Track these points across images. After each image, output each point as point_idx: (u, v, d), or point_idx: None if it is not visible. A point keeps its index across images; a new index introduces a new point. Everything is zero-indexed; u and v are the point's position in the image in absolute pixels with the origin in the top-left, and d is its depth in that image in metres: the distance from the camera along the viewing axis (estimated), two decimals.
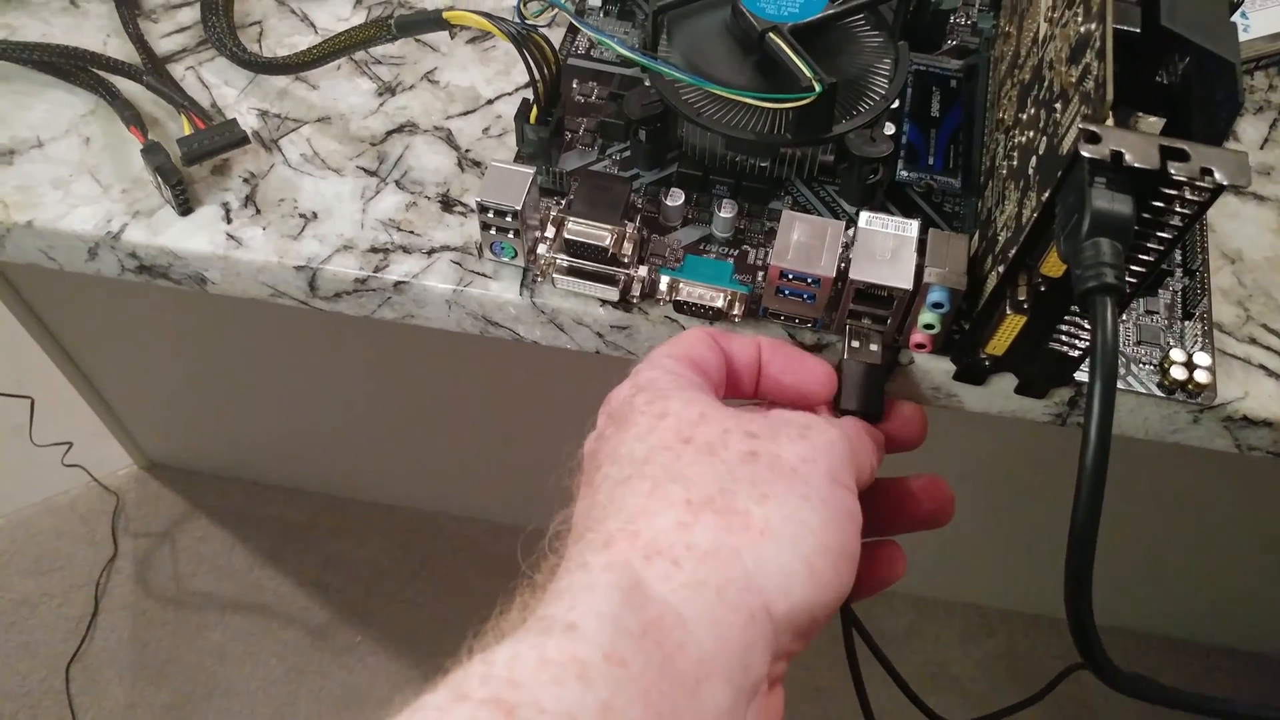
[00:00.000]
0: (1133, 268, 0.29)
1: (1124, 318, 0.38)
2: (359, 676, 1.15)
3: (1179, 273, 0.39)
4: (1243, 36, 0.47)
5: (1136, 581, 1.05)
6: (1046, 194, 0.29)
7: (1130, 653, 1.13)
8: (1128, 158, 0.26)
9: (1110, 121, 0.27)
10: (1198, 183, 0.26)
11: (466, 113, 0.43)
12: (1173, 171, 0.26)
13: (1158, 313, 0.38)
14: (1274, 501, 0.88)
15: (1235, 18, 0.48)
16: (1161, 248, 0.29)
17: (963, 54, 0.45)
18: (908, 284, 0.33)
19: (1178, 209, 0.27)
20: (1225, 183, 0.25)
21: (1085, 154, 0.26)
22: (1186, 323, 0.38)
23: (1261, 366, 0.37)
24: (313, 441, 1.17)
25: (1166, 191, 0.27)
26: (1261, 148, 0.44)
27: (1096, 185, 0.26)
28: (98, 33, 0.46)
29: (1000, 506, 0.96)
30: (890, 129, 0.40)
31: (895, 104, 0.41)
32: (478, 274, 0.38)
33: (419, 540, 1.24)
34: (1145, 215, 0.27)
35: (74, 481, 1.26)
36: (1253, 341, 0.38)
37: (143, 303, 0.90)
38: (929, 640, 1.16)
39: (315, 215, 0.40)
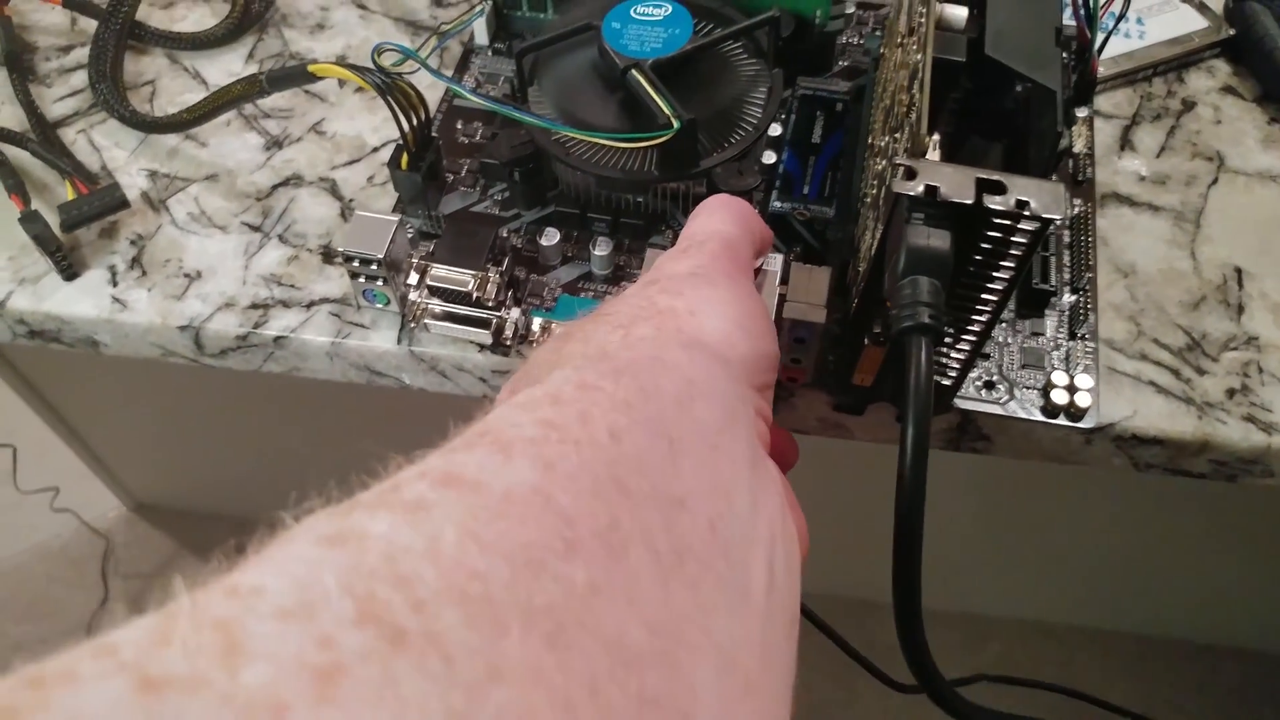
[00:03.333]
0: (985, 297, 0.29)
1: (1008, 341, 0.37)
2: None
3: (1066, 292, 0.39)
4: (1139, 43, 0.46)
5: (1126, 583, 1.04)
6: (882, 229, 0.28)
7: (1128, 657, 1.11)
8: (943, 191, 0.25)
9: (935, 153, 0.27)
10: (1021, 220, 0.25)
11: (352, 162, 0.43)
12: (989, 205, 0.25)
13: (1044, 334, 0.38)
14: (1259, 501, 0.87)
15: (1131, 24, 0.48)
16: (1006, 277, 0.28)
17: (854, 75, 0.44)
18: None
19: (1013, 240, 0.27)
20: (1041, 215, 0.25)
21: (898, 190, 0.25)
22: (1072, 343, 0.37)
23: (1151, 383, 0.37)
24: (298, 479, 1.16)
25: (998, 222, 0.26)
26: (1158, 156, 0.43)
27: (913, 222, 0.25)
28: None
29: (995, 515, 0.95)
30: (771, 157, 0.40)
31: (777, 131, 0.41)
32: (356, 325, 0.38)
33: None
34: (985, 247, 0.27)
35: (64, 526, 1.26)
36: (1143, 357, 0.37)
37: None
38: None
39: (199, 274, 0.40)
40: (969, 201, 0.25)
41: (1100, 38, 0.42)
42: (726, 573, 0.18)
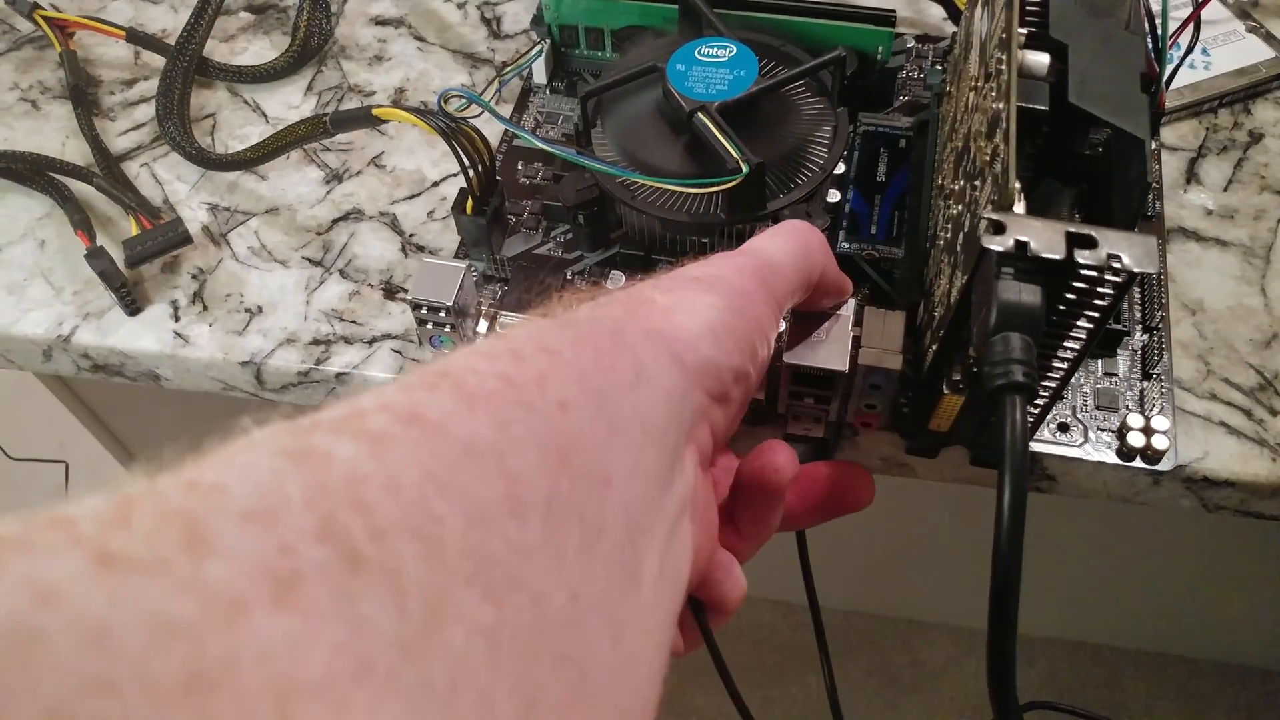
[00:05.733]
0: (1069, 345, 0.29)
1: (1081, 382, 0.37)
2: None
3: (1138, 330, 0.38)
4: (1205, 74, 0.46)
5: (1175, 605, 1.02)
6: (964, 279, 0.28)
7: (1181, 679, 1.10)
8: (1033, 247, 0.25)
9: (1020, 204, 0.27)
10: (1109, 275, 0.25)
11: (412, 196, 0.43)
12: (1080, 259, 0.25)
13: (1116, 374, 0.37)
14: None
15: (1197, 54, 0.47)
16: (1091, 326, 0.28)
17: (914, 110, 0.44)
18: (843, 366, 0.32)
19: (1099, 290, 0.26)
20: (1134, 270, 0.25)
21: (988, 245, 0.25)
22: (1146, 383, 0.37)
23: (1222, 424, 0.36)
24: None
25: (1085, 274, 0.26)
26: (1225, 189, 0.43)
27: (1004, 277, 0.25)
28: (57, 134, 0.47)
29: (1037, 532, 0.95)
30: (835, 196, 0.40)
31: (841, 170, 0.40)
32: (417, 361, 0.38)
33: None
34: (1070, 297, 0.27)
35: None
36: (1213, 397, 0.37)
37: None
38: (969, 674, 1.13)
39: (260, 309, 0.40)
40: (1059, 257, 0.25)
41: (1168, 70, 0.42)
42: (629, 555, 0.19)
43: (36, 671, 0.10)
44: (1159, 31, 0.40)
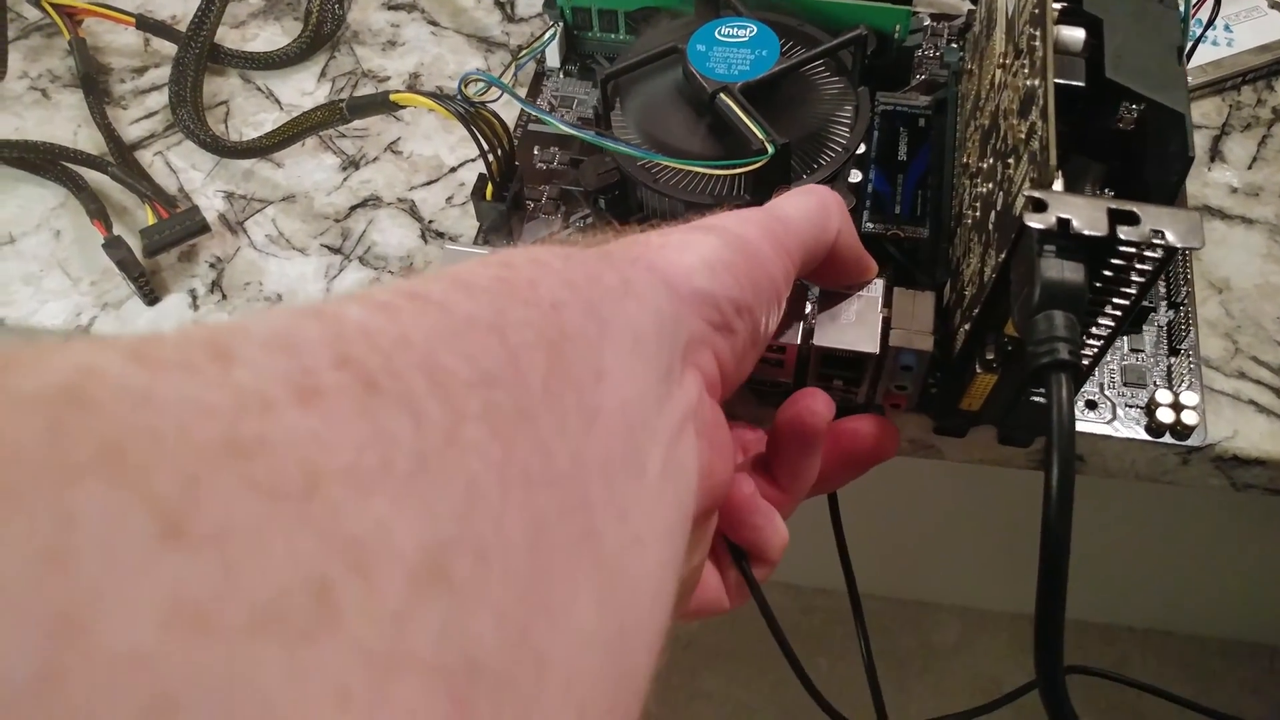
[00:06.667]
0: (1104, 323, 0.28)
1: (1108, 359, 0.37)
2: None
3: (1164, 306, 0.38)
4: (1228, 51, 0.45)
5: (1181, 583, 1.02)
6: (1001, 257, 0.28)
7: (1189, 657, 1.10)
8: (1075, 224, 0.25)
9: (1060, 183, 0.26)
10: (1148, 251, 0.25)
11: (430, 182, 0.43)
12: (1122, 235, 0.25)
13: (1143, 350, 0.37)
14: None
15: (1219, 31, 0.47)
16: (1127, 303, 0.28)
17: (931, 88, 0.44)
18: (873, 348, 0.32)
19: (1137, 266, 0.26)
20: (1178, 245, 0.24)
21: (1030, 224, 0.25)
22: (1173, 359, 0.37)
23: (1251, 402, 0.36)
24: None
25: (1124, 250, 0.26)
26: (1250, 167, 0.42)
27: (1045, 255, 0.25)
28: (69, 123, 0.46)
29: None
30: (856, 176, 0.39)
31: (861, 149, 0.40)
32: None
33: None
34: (1107, 274, 0.27)
35: None
36: (1241, 376, 0.37)
37: None
38: (979, 654, 1.13)
39: (280, 297, 0.40)
40: (1102, 234, 0.25)
41: (1188, 45, 0.42)
42: (629, 445, 0.19)
43: (89, 417, 0.11)
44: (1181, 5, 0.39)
